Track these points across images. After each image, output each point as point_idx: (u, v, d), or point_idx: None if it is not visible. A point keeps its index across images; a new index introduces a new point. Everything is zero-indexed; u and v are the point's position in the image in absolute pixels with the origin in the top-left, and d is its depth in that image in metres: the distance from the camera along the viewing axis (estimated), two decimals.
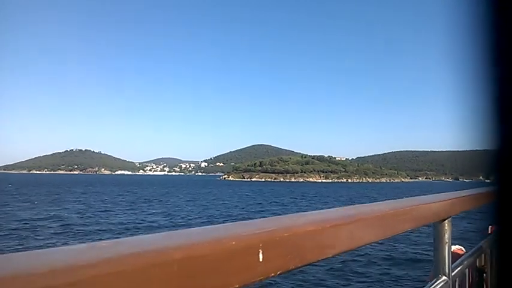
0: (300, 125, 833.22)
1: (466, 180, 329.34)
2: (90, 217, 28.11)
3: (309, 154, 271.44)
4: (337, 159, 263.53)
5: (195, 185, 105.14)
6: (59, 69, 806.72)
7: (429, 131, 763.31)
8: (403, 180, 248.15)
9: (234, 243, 0.60)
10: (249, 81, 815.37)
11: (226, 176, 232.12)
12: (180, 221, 27.23)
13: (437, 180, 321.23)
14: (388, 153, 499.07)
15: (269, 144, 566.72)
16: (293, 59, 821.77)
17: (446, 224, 1.56)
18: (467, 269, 2.18)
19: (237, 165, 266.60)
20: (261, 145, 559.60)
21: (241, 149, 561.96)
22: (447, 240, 1.54)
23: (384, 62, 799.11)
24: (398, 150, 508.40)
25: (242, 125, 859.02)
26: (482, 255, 2.45)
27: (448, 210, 1.56)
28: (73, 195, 54.19)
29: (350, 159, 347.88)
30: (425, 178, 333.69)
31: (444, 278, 1.55)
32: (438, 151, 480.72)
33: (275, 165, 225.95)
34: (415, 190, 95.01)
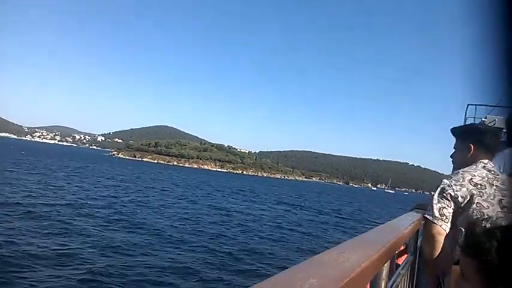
0: (212, 112, 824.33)
1: (355, 186, 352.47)
2: None
3: (209, 141, 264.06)
4: (239, 150, 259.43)
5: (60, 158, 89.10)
6: None
7: (332, 134, 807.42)
8: (297, 178, 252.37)
9: None
10: (165, 59, 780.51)
11: (116, 152, 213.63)
12: None
13: (329, 182, 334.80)
14: (289, 151, 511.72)
15: (174, 126, 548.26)
16: (213, 43, 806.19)
17: None
18: None
19: (130, 142, 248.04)
20: (166, 126, 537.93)
21: (143, 128, 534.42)
22: None
23: (304, 61, 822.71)
24: (300, 149, 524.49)
25: (149, 102, 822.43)
26: None
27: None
28: None
29: (253, 152, 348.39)
30: (319, 179, 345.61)
31: None
32: (335, 155, 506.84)
33: (171, 148, 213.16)
34: (291, 188, 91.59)
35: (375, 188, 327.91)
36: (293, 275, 0.66)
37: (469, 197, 2.07)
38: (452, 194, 2.11)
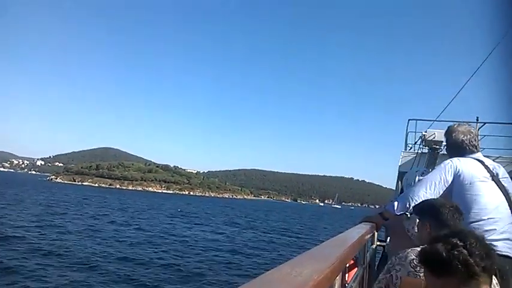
0: (159, 133, 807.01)
1: (303, 202, 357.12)
2: None
3: (155, 162, 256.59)
4: (187, 170, 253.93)
5: None
6: None
7: (280, 152, 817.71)
8: (245, 197, 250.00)
9: None
10: (109, 78, 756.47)
11: (53, 177, 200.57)
12: None
13: (278, 200, 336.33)
14: (238, 169, 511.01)
15: (119, 148, 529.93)
16: (157, 59, 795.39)
17: None
18: None
19: (69, 166, 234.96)
20: (110, 148, 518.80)
21: (86, 150, 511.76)
22: None
23: (252, 79, 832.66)
24: (249, 168, 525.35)
25: (91, 123, 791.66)
26: None
27: None
28: None
29: (201, 172, 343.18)
30: (268, 197, 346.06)
31: None
32: (283, 172, 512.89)
33: (113, 170, 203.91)
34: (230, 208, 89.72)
35: (322, 204, 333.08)
36: None
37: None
38: (393, 274, 2.15)
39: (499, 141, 8.59)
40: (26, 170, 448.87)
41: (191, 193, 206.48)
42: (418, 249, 2.11)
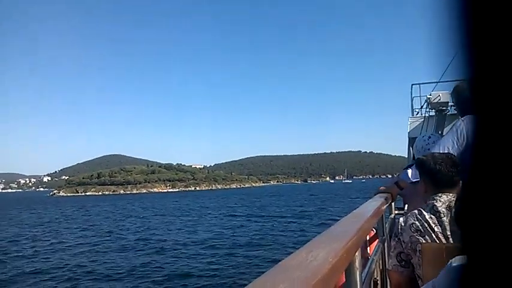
0: (161, 134, 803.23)
1: (314, 182, 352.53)
2: None
3: (159, 162, 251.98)
4: (192, 166, 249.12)
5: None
6: None
7: (285, 135, 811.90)
8: (253, 185, 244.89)
9: None
10: (107, 84, 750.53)
11: (56, 191, 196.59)
12: None
13: (288, 183, 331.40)
14: (245, 158, 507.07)
15: (123, 154, 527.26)
16: (151, 63, 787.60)
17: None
18: None
19: (70, 178, 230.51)
20: (114, 155, 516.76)
21: (90, 160, 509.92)
22: None
23: (243, 69, 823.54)
24: (255, 155, 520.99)
25: (94, 133, 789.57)
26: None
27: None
28: None
29: (208, 166, 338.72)
30: (277, 181, 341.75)
31: None
32: (290, 155, 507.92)
33: (115, 176, 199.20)
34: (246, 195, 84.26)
35: (333, 181, 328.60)
36: (261, 284, 0.63)
37: (410, 244, 2.11)
38: (401, 239, 2.16)
39: None
40: (33, 188, 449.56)
41: (197, 188, 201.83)
42: (416, 211, 2.15)
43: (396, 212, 3.94)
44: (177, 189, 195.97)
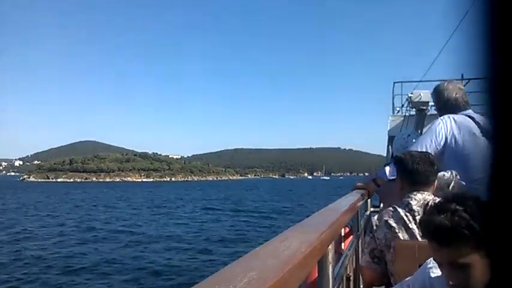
0: (138, 121, 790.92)
1: (291, 177, 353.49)
2: None
3: (135, 151, 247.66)
4: (170, 156, 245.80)
5: None
6: None
7: (263, 128, 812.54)
8: (230, 177, 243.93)
9: None
10: (87, 67, 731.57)
11: (26, 176, 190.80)
12: None
13: (265, 177, 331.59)
14: (223, 150, 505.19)
15: (99, 140, 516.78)
16: (131, 49, 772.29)
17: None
18: None
19: (41, 163, 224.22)
20: (89, 141, 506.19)
21: (65, 145, 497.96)
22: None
23: (226, 62, 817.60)
24: (233, 148, 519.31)
25: (68, 116, 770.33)
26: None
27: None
28: None
29: (186, 156, 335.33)
30: (254, 175, 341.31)
31: None
32: (268, 149, 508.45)
33: (88, 163, 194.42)
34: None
35: (310, 177, 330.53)
36: (232, 270, 0.64)
37: (384, 241, 2.11)
38: (375, 236, 2.17)
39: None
40: (4, 172, 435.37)
41: (173, 179, 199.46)
42: (391, 209, 2.16)
43: (372, 209, 4.02)
44: (151, 179, 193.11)
